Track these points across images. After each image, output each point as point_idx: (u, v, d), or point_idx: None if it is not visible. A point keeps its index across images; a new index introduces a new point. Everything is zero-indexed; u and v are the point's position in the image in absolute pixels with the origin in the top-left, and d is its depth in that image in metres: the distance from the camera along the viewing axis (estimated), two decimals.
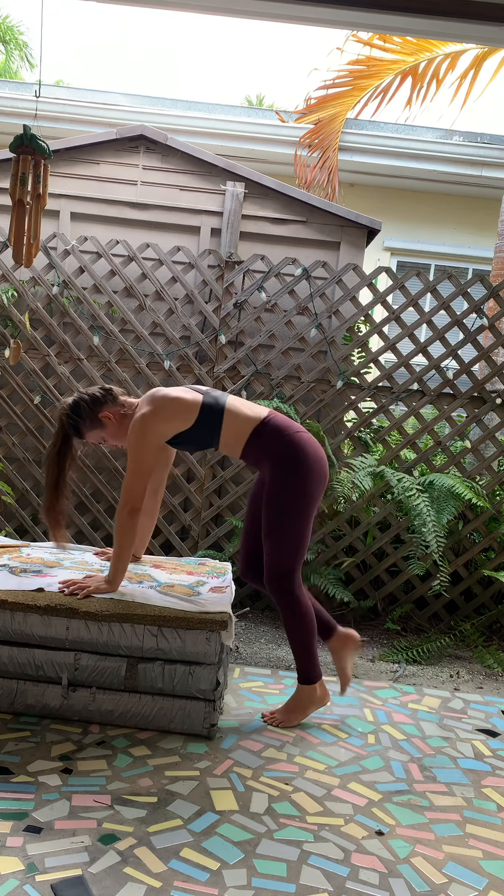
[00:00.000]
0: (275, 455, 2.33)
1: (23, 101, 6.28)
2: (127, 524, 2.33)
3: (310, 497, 2.33)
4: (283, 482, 2.31)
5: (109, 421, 2.42)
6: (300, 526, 2.33)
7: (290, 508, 2.31)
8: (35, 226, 2.70)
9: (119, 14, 36.37)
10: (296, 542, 2.33)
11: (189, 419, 2.33)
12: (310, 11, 2.17)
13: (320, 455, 2.36)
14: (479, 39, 2.43)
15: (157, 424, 2.32)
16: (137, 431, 2.31)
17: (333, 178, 6.06)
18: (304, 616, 2.37)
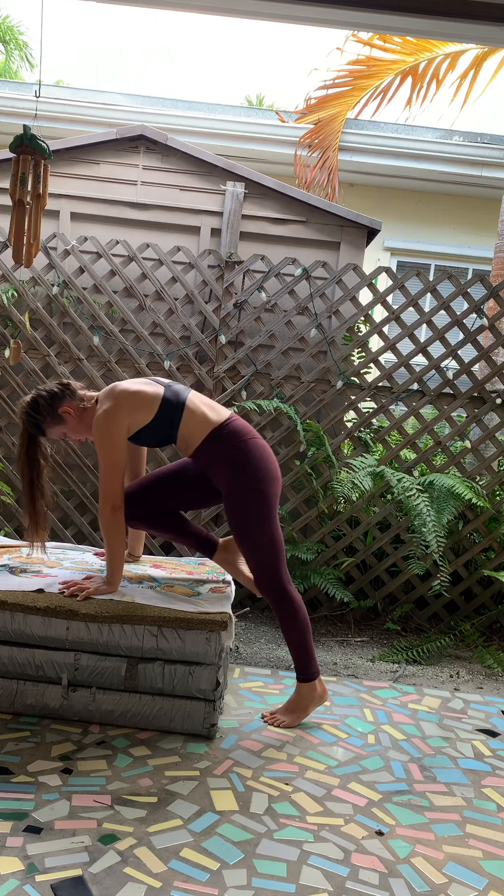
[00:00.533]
0: (228, 458, 2.32)
1: (23, 101, 6.28)
2: (111, 523, 2.32)
3: (268, 495, 2.34)
4: (241, 484, 2.32)
5: (69, 416, 2.38)
6: (267, 524, 2.34)
7: (253, 508, 2.32)
8: (35, 226, 2.70)
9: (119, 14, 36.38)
10: (269, 539, 2.34)
11: (150, 413, 2.32)
12: (310, 11, 2.17)
13: (271, 457, 2.39)
14: (479, 39, 2.42)
15: (121, 418, 2.29)
16: (102, 428, 2.29)
17: (333, 178, 6.06)
18: (297, 612, 2.40)
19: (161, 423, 2.34)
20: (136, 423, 2.33)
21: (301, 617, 2.40)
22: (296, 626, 2.40)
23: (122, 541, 2.35)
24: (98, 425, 2.31)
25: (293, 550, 3.55)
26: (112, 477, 2.31)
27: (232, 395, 3.72)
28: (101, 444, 2.30)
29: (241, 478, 2.32)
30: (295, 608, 2.39)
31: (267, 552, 2.35)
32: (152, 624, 2.27)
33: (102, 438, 2.30)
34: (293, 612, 2.39)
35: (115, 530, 2.33)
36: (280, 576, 2.38)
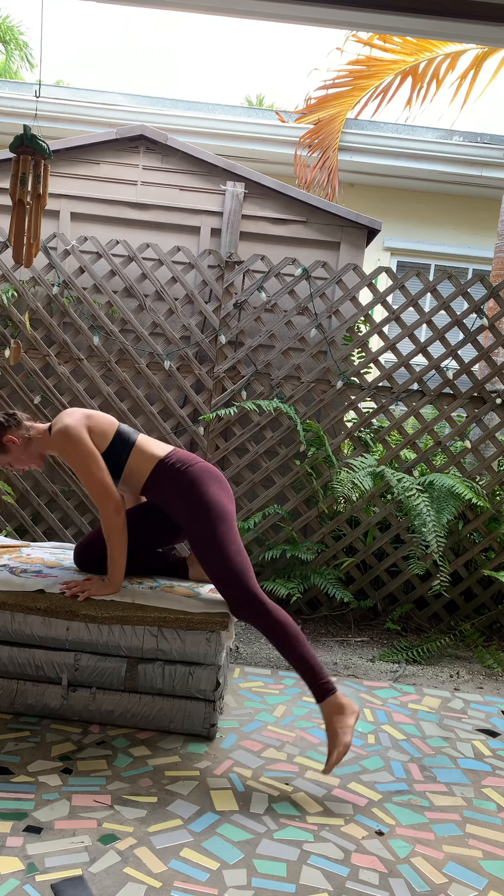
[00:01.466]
0: (176, 486, 2.32)
1: (23, 101, 6.28)
2: (114, 523, 2.32)
3: (223, 511, 2.27)
4: (195, 508, 2.27)
5: (13, 445, 2.39)
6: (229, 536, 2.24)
7: (211, 526, 2.24)
8: (35, 226, 2.70)
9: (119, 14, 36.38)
10: (237, 550, 2.22)
11: (105, 439, 2.36)
12: (310, 11, 2.17)
13: (219, 475, 2.39)
14: (479, 39, 2.42)
15: (81, 430, 2.32)
16: (64, 443, 2.31)
17: (333, 178, 6.07)
18: (283, 624, 2.16)
19: (111, 455, 2.37)
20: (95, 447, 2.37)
21: (289, 628, 2.16)
22: (288, 639, 2.15)
23: (124, 542, 2.35)
24: (60, 442, 2.32)
25: (293, 550, 3.55)
26: (98, 482, 2.30)
27: (232, 395, 3.72)
28: (72, 456, 2.31)
29: (192, 501, 2.28)
30: (280, 620, 2.16)
31: (235, 566, 2.20)
32: (152, 624, 2.27)
33: (70, 451, 2.31)
34: (280, 625, 2.16)
35: (119, 531, 2.33)
36: (252, 588, 2.19)
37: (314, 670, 2.12)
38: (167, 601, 2.36)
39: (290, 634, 2.15)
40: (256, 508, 3.72)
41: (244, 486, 3.72)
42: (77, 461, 2.31)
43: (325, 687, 2.11)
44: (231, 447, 3.72)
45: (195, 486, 2.30)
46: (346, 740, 2.05)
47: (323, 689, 2.11)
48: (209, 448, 3.76)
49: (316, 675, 2.12)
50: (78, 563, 2.60)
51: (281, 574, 3.66)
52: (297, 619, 3.63)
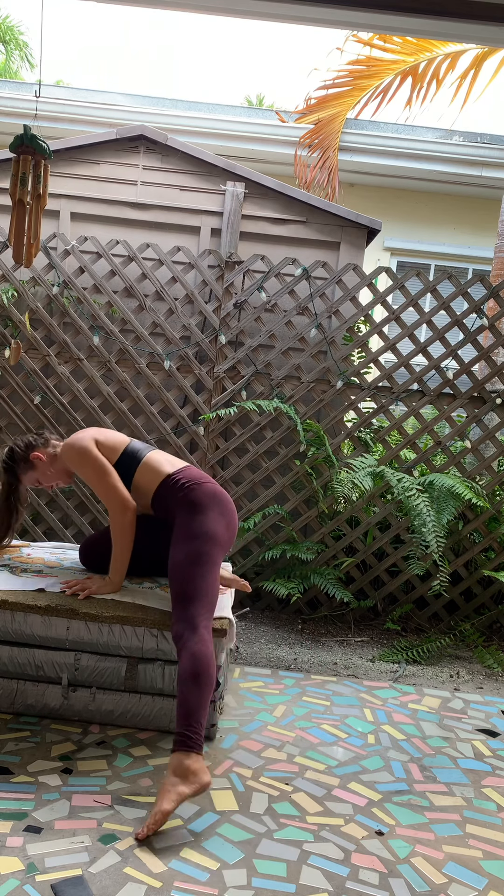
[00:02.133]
0: (180, 500, 2.28)
1: (23, 101, 6.28)
2: (123, 523, 2.33)
3: (213, 536, 2.19)
4: (186, 524, 2.22)
5: (40, 462, 2.49)
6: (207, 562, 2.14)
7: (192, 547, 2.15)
8: (35, 226, 2.70)
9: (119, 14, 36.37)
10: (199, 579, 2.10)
11: (114, 454, 2.40)
12: (310, 11, 2.17)
13: (226, 501, 2.31)
14: (479, 39, 2.42)
15: (89, 441, 2.37)
16: (74, 455, 2.36)
17: (333, 178, 6.07)
18: (207, 666, 1.97)
19: (119, 469, 2.39)
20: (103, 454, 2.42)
21: (208, 676, 1.95)
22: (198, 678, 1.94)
23: (131, 543, 2.36)
24: (70, 454, 2.38)
25: (293, 550, 3.55)
26: (109, 487, 2.33)
27: (232, 395, 3.72)
28: (83, 466, 2.35)
29: (189, 514, 2.24)
30: (205, 660, 1.97)
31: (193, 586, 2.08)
32: (153, 626, 2.27)
33: (80, 461, 2.35)
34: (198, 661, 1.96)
35: (127, 531, 2.34)
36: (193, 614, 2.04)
37: (187, 719, 1.89)
38: (167, 602, 2.36)
39: (194, 673, 1.94)
40: (256, 508, 3.72)
41: (244, 486, 3.72)
42: (87, 471, 2.35)
43: (184, 740, 1.86)
44: (231, 447, 3.72)
45: (193, 503, 2.26)
46: (166, 808, 1.76)
47: (181, 740, 1.87)
48: (209, 448, 3.76)
49: (185, 724, 1.88)
50: (83, 559, 2.61)
51: (281, 574, 3.66)
52: (297, 619, 3.63)
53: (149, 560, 2.56)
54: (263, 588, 3.60)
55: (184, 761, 1.84)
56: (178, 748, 1.86)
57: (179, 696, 1.94)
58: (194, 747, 1.86)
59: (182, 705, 1.92)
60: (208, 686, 1.95)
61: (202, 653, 1.98)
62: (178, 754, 1.85)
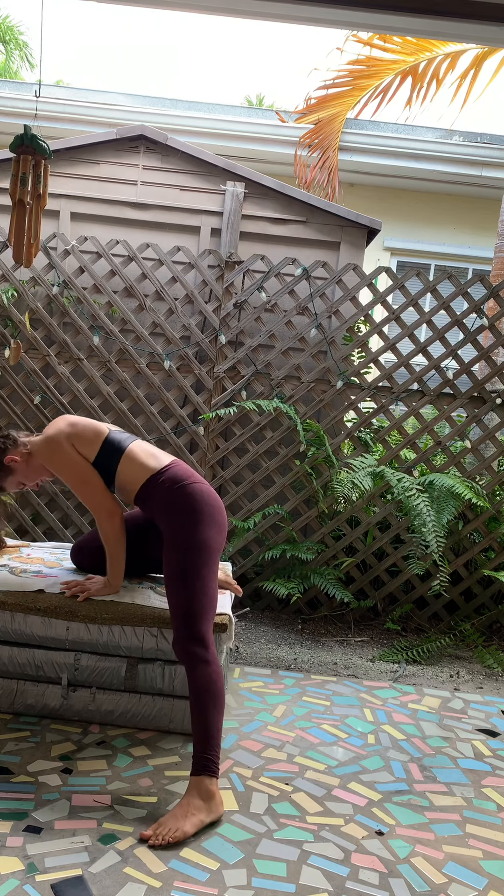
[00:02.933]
0: (167, 503, 2.15)
1: (23, 101, 6.28)
2: (110, 530, 2.28)
3: (207, 540, 2.09)
4: (178, 533, 2.09)
5: (16, 463, 2.32)
6: (203, 570, 2.06)
7: (188, 553, 2.06)
8: (35, 226, 2.70)
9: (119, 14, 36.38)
10: (202, 587, 2.03)
11: (92, 449, 2.26)
12: (310, 11, 2.17)
13: (215, 503, 2.17)
14: (479, 39, 2.42)
15: (62, 441, 2.24)
16: (47, 453, 2.25)
17: (333, 178, 6.06)
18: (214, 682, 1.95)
19: (100, 463, 2.26)
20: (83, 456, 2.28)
21: (217, 690, 1.94)
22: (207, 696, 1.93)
23: (122, 545, 2.33)
24: (44, 453, 2.26)
25: (293, 550, 3.55)
26: (90, 492, 2.25)
27: (232, 395, 3.72)
28: (59, 467, 2.25)
29: (178, 521, 2.10)
30: (211, 675, 1.95)
31: (195, 603, 2.01)
32: (152, 625, 2.27)
33: (55, 461, 2.25)
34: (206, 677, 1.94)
35: (115, 537, 2.30)
36: (204, 631, 2.00)
37: (209, 743, 1.89)
38: (167, 602, 2.36)
39: (213, 694, 1.93)
40: (256, 508, 3.72)
41: (244, 486, 3.72)
42: (60, 471, 2.25)
43: (207, 765, 1.87)
44: (231, 447, 3.72)
45: (182, 509, 2.12)
46: (189, 831, 1.77)
47: (204, 764, 1.87)
48: (209, 448, 3.76)
49: (208, 747, 1.89)
50: (75, 562, 2.59)
51: (281, 574, 3.66)
52: (297, 619, 3.63)
53: (147, 561, 2.55)
54: (263, 588, 3.60)
55: (209, 786, 1.86)
56: (203, 772, 1.87)
57: (199, 717, 1.91)
58: (216, 772, 1.89)
59: (202, 727, 1.90)
60: (223, 706, 1.96)
61: (218, 674, 1.97)
62: (204, 779, 1.86)
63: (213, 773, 1.88)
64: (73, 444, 2.25)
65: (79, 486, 2.25)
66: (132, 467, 2.25)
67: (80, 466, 2.25)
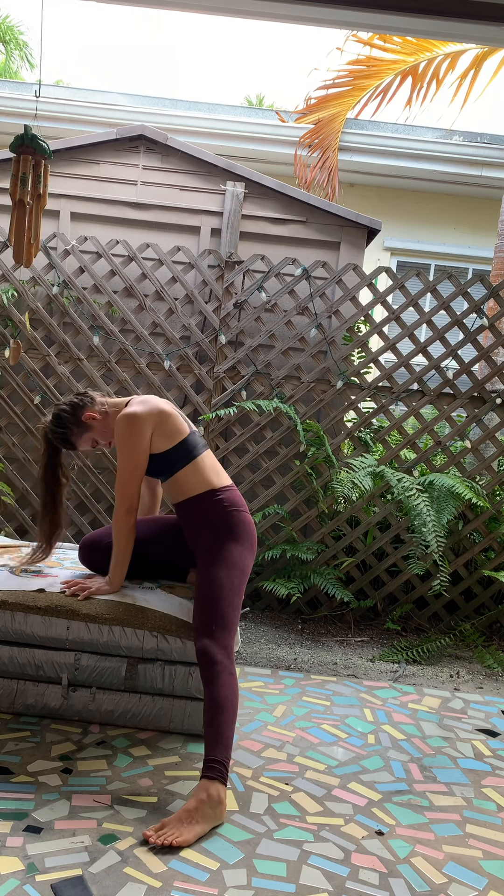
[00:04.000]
0: (219, 522, 2.24)
1: (23, 101, 6.28)
2: (124, 524, 2.29)
3: (245, 569, 2.23)
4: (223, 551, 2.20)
5: (94, 421, 2.35)
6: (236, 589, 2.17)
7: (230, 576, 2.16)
8: (35, 226, 2.70)
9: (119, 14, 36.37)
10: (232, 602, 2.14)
11: (168, 444, 2.27)
12: (310, 11, 2.17)
13: (255, 533, 2.31)
14: (479, 39, 2.42)
15: (146, 426, 2.25)
16: (125, 430, 2.25)
17: (333, 178, 6.06)
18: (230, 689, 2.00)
19: (166, 459, 2.28)
20: (155, 442, 2.28)
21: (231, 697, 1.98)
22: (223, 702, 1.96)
23: (131, 543, 2.32)
24: (120, 425, 2.25)
25: (293, 550, 3.55)
26: (131, 479, 2.26)
27: (232, 395, 3.72)
28: (123, 446, 2.25)
29: (227, 541, 2.22)
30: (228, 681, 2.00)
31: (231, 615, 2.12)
32: (153, 630, 2.27)
33: (125, 440, 2.24)
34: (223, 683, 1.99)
35: (127, 532, 2.30)
36: (230, 645, 2.09)
37: (223, 748, 1.91)
38: (168, 604, 2.35)
39: (231, 703, 1.97)
40: (256, 508, 3.72)
41: (244, 486, 3.72)
42: (124, 449, 2.25)
43: (219, 769, 1.88)
44: (231, 447, 3.72)
45: (234, 532, 2.23)
46: (188, 837, 1.77)
47: (216, 767, 1.88)
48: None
49: (219, 751, 1.90)
50: (82, 559, 2.57)
51: (281, 574, 3.66)
52: (297, 619, 3.63)
53: (155, 564, 2.54)
54: (263, 588, 3.60)
55: (219, 792, 1.86)
56: (216, 776, 1.88)
57: (218, 724, 1.93)
58: (227, 778, 1.90)
59: (218, 733, 1.92)
60: (236, 717, 2.00)
61: (237, 684, 2.03)
62: (217, 783, 1.87)
63: (225, 779, 1.89)
64: (157, 430, 2.26)
65: (128, 470, 2.25)
66: (196, 476, 2.29)
67: (143, 455, 2.26)
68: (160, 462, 2.30)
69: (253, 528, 2.30)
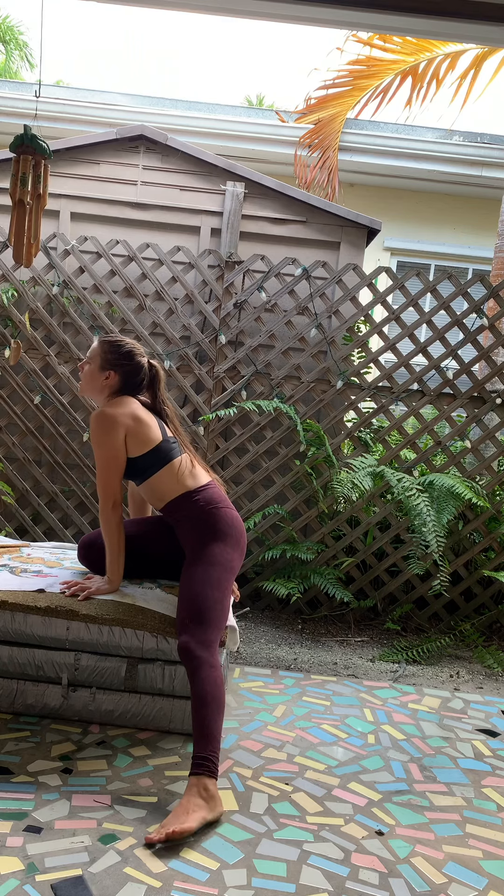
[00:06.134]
0: (198, 521, 2.25)
1: (23, 101, 6.28)
2: (111, 520, 2.29)
3: (231, 563, 2.22)
4: (204, 549, 2.21)
5: (105, 380, 2.36)
6: (223, 587, 2.17)
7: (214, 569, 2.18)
8: (35, 226, 2.70)
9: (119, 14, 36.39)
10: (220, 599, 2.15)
11: (138, 450, 2.28)
12: (310, 11, 2.17)
13: (240, 528, 2.30)
14: (479, 39, 2.42)
15: (119, 429, 2.25)
16: (97, 427, 2.26)
17: (333, 178, 6.07)
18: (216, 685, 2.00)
19: (139, 463, 2.30)
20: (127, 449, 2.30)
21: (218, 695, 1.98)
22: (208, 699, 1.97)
23: (122, 539, 2.33)
24: (95, 424, 2.27)
25: (293, 550, 3.55)
26: (109, 475, 2.28)
27: (232, 395, 3.72)
28: (97, 444, 2.27)
29: (206, 539, 2.22)
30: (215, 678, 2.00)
31: (212, 611, 2.11)
32: (153, 630, 2.27)
33: (97, 437, 2.26)
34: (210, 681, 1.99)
35: (115, 528, 2.30)
36: (213, 640, 2.07)
37: (211, 744, 1.92)
38: (168, 604, 2.36)
39: (217, 698, 1.97)
40: (256, 508, 3.72)
41: (244, 486, 3.72)
42: (97, 449, 2.27)
43: (205, 764, 1.89)
44: (231, 447, 3.72)
45: (213, 529, 2.23)
46: (191, 824, 1.78)
47: (205, 764, 1.89)
48: (209, 448, 3.76)
49: (209, 749, 1.91)
50: (81, 558, 2.57)
51: (281, 574, 3.66)
52: (297, 619, 3.63)
53: (154, 562, 2.54)
54: (263, 588, 3.60)
55: (209, 786, 1.87)
56: (203, 772, 1.88)
57: (201, 719, 1.94)
58: (216, 773, 1.91)
59: (203, 728, 1.94)
60: (223, 709, 2.00)
61: (221, 679, 2.02)
62: (204, 778, 1.88)
63: (214, 773, 1.90)
64: (126, 435, 2.27)
65: (105, 467, 2.27)
66: (170, 480, 2.31)
67: (117, 451, 2.27)
68: (131, 466, 2.31)
69: (236, 522, 2.29)
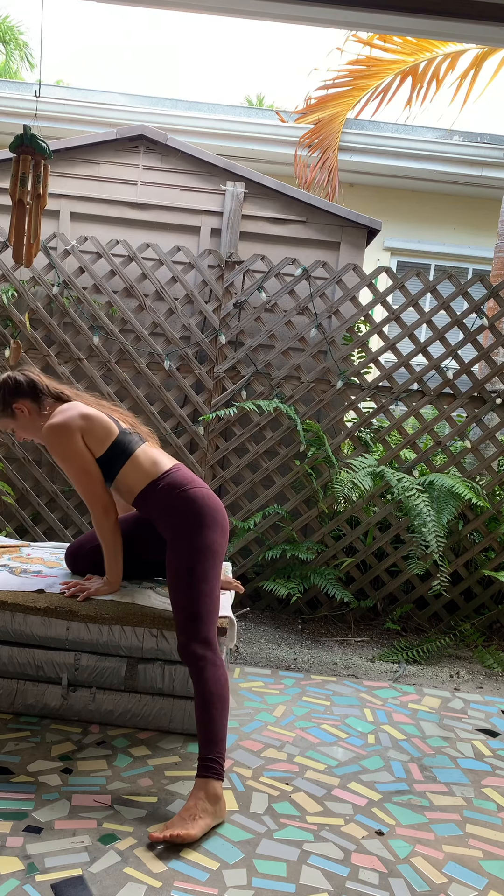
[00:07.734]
0: (166, 508, 2.15)
1: (23, 101, 6.28)
2: (104, 524, 2.26)
3: (211, 544, 2.09)
4: (180, 537, 2.09)
5: (21, 414, 2.29)
6: (209, 574, 2.06)
7: (193, 557, 2.05)
8: (35, 226, 2.70)
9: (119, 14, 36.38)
10: (209, 590, 2.04)
11: (100, 447, 2.23)
12: (310, 11, 2.17)
13: (216, 505, 2.16)
14: (479, 39, 2.42)
15: (73, 431, 2.20)
16: (54, 441, 2.20)
17: (333, 178, 6.07)
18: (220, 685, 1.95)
19: (105, 462, 2.24)
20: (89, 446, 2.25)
21: (222, 692, 1.94)
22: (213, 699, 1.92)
23: (118, 540, 2.31)
24: (51, 439, 2.20)
25: (293, 550, 3.55)
26: (89, 483, 2.22)
27: (232, 395, 3.72)
28: (61, 458, 2.22)
29: (180, 525, 2.10)
30: (218, 677, 1.95)
31: (202, 606, 2.01)
32: (153, 625, 2.27)
33: (59, 451, 2.21)
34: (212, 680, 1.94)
35: (110, 530, 2.28)
36: (210, 634, 2.00)
37: (217, 745, 1.89)
38: (167, 604, 2.36)
39: (221, 697, 1.93)
40: (256, 508, 3.72)
41: (244, 486, 3.72)
42: (64, 459, 2.22)
43: (212, 766, 1.86)
44: (231, 447, 3.72)
45: (183, 513, 2.11)
46: (193, 832, 1.75)
47: (212, 766, 1.86)
48: (209, 448, 3.76)
49: (215, 750, 1.88)
50: (71, 567, 2.56)
51: (281, 574, 3.66)
52: (297, 619, 3.63)
53: (148, 562, 2.54)
54: (263, 588, 3.60)
55: (216, 789, 1.85)
56: (210, 775, 1.86)
57: (206, 719, 1.90)
58: (222, 775, 1.88)
59: (209, 729, 1.90)
60: (228, 708, 1.96)
61: (226, 677, 1.97)
62: (212, 781, 1.85)
63: (220, 776, 1.88)
64: (83, 437, 2.23)
65: (80, 477, 2.22)
66: (135, 472, 2.24)
67: (84, 457, 2.22)
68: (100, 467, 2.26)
69: (209, 500, 2.15)
